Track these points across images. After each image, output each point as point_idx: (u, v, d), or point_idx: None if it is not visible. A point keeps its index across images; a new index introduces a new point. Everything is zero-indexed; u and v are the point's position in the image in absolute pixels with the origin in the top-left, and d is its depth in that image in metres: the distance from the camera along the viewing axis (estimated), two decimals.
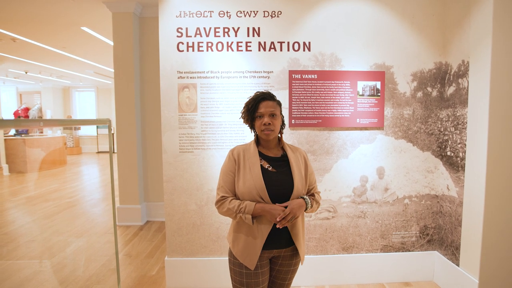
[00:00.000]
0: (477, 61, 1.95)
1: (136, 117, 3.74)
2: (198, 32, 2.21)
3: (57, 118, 11.19)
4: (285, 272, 1.41)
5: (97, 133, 11.54)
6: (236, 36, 2.22)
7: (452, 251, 2.22)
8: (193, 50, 2.22)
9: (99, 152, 11.36)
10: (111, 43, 4.69)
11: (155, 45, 3.68)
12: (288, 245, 1.35)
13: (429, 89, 2.32)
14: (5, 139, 7.11)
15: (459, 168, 2.14)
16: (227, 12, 2.21)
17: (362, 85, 2.27)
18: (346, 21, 2.24)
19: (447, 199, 2.28)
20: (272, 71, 2.25)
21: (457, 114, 2.16)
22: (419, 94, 2.32)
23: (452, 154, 2.22)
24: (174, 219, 2.28)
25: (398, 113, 2.32)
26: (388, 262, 2.39)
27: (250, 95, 1.40)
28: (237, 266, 1.34)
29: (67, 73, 9.00)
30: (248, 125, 1.43)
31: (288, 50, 2.24)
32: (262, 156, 1.37)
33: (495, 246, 1.92)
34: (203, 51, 2.22)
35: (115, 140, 3.85)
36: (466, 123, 2.06)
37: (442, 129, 2.31)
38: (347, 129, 2.30)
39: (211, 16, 2.21)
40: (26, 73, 8.69)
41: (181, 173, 2.26)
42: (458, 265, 2.15)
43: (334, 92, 2.26)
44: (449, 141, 2.24)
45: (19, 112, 9.70)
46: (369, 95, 2.28)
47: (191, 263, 2.30)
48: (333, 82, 2.25)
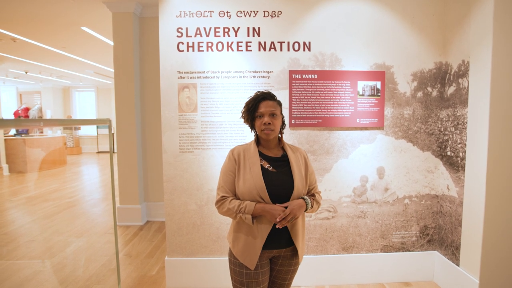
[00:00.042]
0: (477, 61, 1.95)
1: (136, 117, 3.74)
2: (198, 32, 2.21)
3: (57, 118, 11.19)
4: (285, 272, 1.41)
5: (97, 133, 11.55)
6: (236, 36, 2.22)
7: (452, 251, 2.22)
8: (193, 50, 2.22)
9: (99, 152, 11.37)
10: (111, 43, 4.69)
11: (155, 45, 3.68)
12: (288, 245, 1.35)
13: (429, 89, 2.32)
14: (5, 139, 7.11)
15: (459, 168, 2.14)
16: (227, 12, 2.21)
17: (362, 85, 2.27)
18: (346, 21, 2.24)
19: (447, 199, 2.28)
20: (272, 71, 2.25)
21: (457, 114, 2.16)
22: (419, 94, 2.32)
23: (452, 154, 2.22)
24: (174, 219, 2.28)
25: (398, 113, 2.32)
26: (388, 262, 2.39)
27: (250, 95, 1.40)
28: (237, 266, 1.34)
29: (67, 73, 9.00)
30: (248, 125, 1.43)
31: (288, 50, 2.24)
32: (262, 156, 1.37)
33: (496, 246, 1.92)
34: (203, 51, 2.22)
35: (115, 140, 3.85)
36: (466, 123, 2.06)
37: (442, 129, 2.31)
38: (347, 129, 2.30)
39: (211, 16, 2.21)
40: (26, 73, 8.70)
41: (181, 173, 2.26)
42: (458, 265, 2.15)
43: (334, 92, 2.26)
44: (449, 141, 2.24)
45: (19, 112, 9.70)
46: (369, 95, 2.28)
47: (191, 263, 2.30)
48: (333, 82, 2.25)
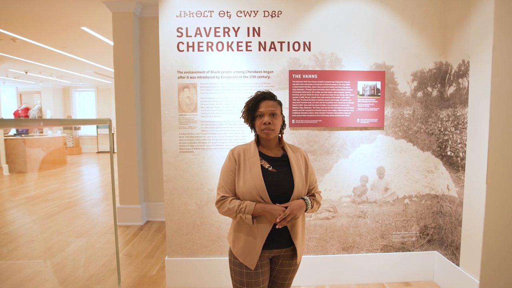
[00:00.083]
0: (477, 60, 1.95)
1: (136, 117, 3.74)
2: (198, 32, 2.21)
3: (57, 118, 11.19)
4: (285, 272, 1.41)
5: (97, 133, 11.55)
6: (236, 36, 2.22)
7: (452, 251, 2.22)
8: (193, 50, 2.22)
9: (99, 152, 11.36)
10: (111, 43, 4.69)
11: (155, 45, 3.68)
12: (288, 245, 1.35)
13: (429, 89, 2.32)
14: (5, 139, 7.11)
15: (459, 168, 2.14)
16: (227, 12, 2.21)
17: (362, 85, 2.27)
18: (346, 21, 2.24)
19: (447, 199, 2.28)
20: (272, 71, 2.25)
21: (457, 114, 2.16)
22: (419, 94, 2.32)
23: (452, 154, 2.22)
24: (174, 219, 2.28)
25: (398, 113, 2.32)
26: (388, 262, 2.39)
27: (250, 95, 1.40)
28: (237, 266, 1.34)
29: (67, 73, 9.00)
30: (248, 125, 1.43)
31: (288, 50, 2.24)
32: (262, 156, 1.37)
33: (496, 246, 1.92)
34: (203, 51, 2.22)
35: (115, 140, 3.85)
36: (466, 123, 2.06)
37: (442, 129, 2.31)
38: (347, 129, 2.30)
39: (211, 16, 2.21)
40: (26, 73, 8.70)
41: (181, 173, 2.26)
42: (458, 265, 2.15)
43: (334, 92, 2.26)
44: (449, 141, 2.24)
45: (19, 112, 9.69)
46: (369, 95, 2.28)
47: (191, 263, 2.30)
48: (333, 82, 2.25)
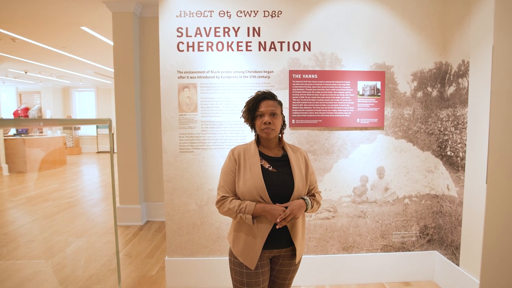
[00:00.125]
0: (477, 60, 1.95)
1: (136, 117, 3.73)
2: (198, 32, 2.21)
3: (57, 118, 11.19)
4: (285, 272, 1.41)
5: (97, 133, 11.54)
6: (236, 36, 2.22)
7: (452, 251, 2.22)
8: (193, 50, 2.22)
9: (99, 152, 11.36)
10: (111, 43, 4.69)
11: (155, 45, 3.68)
12: (288, 245, 1.35)
13: (429, 89, 2.32)
14: (5, 139, 7.10)
15: (459, 168, 2.14)
16: (227, 12, 2.21)
17: (362, 85, 2.27)
18: (346, 21, 2.24)
19: (447, 199, 2.28)
20: (272, 71, 2.25)
21: (457, 114, 2.16)
22: (419, 94, 2.32)
23: (452, 154, 2.22)
24: (174, 219, 2.28)
25: (398, 113, 2.32)
26: (388, 262, 2.39)
27: (250, 95, 1.40)
28: (237, 266, 1.34)
29: (67, 73, 9.00)
30: (248, 125, 1.43)
31: (288, 50, 2.24)
32: (262, 156, 1.37)
33: (496, 246, 1.92)
34: (203, 51, 2.22)
35: (115, 140, 3.85)
36: (466, 123, 2.06)
37: (442, 129, 2.31)
38: (347, 129, 2.30)
39: (211, 16, 2.21)
40: (26, 73, 8.70)
41: (181, 173, 2.26)
42: (458, 264, 2.15)
43: (334, 92, 2.26)
44: (449, 141, 2.24)
45: (19, 112, 9.69)
46: (369, 95, 2.28)
47: (191, 263, 2.30)
48: (333, 82, 2.26)
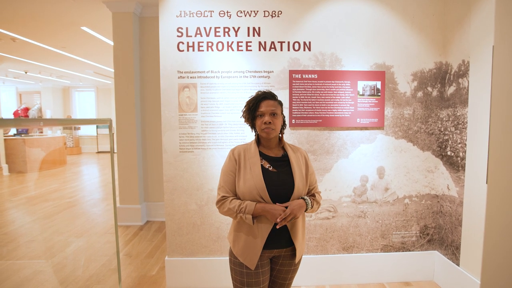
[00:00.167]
0: (478, 60, 1.95)
1: (136, 117, 3.73)
2: (198, 32, 2.21)
3: (57, 117, 11.19)
4: (286, 272, 1.41)
5: (97, 133, 11.54)
6: (236, 36, 2.22)
7: (453, 250, 2.22)
8: (193, 50, 2.22)
9: (99, 152, 11.36)
10: (111, 43, 4.69)
11: (155, 45, 3.68)
12: (288, 245, 1.35)
13: (429, 89, 2.32)
14: (5, 139, 7.10)
15: (459, 168, 2.14)
16: (227, 12, 2.21)
17: (363, 85, 2.27)
18: (346, 21, 2.24)
19: (447, 198, 2.28)
20: (273, 71, 2.25)
21: (458, 114, 2.16)
22: (420, 94, 2.32)
23: (452, 154, 2.22)
24: (174, 219, 2.28)
25: (398, 113, 2.32)
26: (388, 262, 2.39)
27: (251, 95, 1.40)
28: (237, 266, 1.34)
29: (67, 73, 9.00)
30: (249, 124, 1.43)
31: (288, 50, 2.24)
32: (262, 156, 1.37)
33: (496, 246, 1.92)
34: (203, 51, 2.22)
35: (115, 140, 3.85)
36: (467, 123, 2.06)
37: (442, 129, 2.31)
38: (347, 129, 2.30)
39: (211, 16, 2.21)
40: (26, 73, 8.69)
41: (181, 173, 2.26)
42: (458, 264, 2.15)
43: (334, 92, 2.26)
44: (450, 141, 2.24)
45: (19, 112, 9.69)
46: (369, 95, 2.28)
47: (191, 263, 2.30)
48: (333, 82, 2.25)
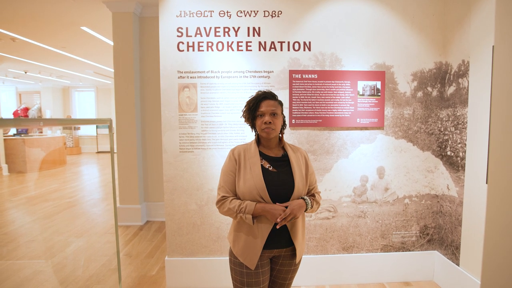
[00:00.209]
0: (477, 60, 1.95)
1: (136, 117, 3.73)
2: (198, 32, 2.21)
3: (56, 117, 11.19)
4: (286, 272, 1.41)
5: (96, 133, 11.54)
6: (236, 36, 2.22)
7: (452, 250, 2.22)
8: (193, 50, 2.22)
9: (98, 152, 11.36)
10: (111, 43, 4.69)
11: (155, 45, 3.68)
12: (288, 245, 1.35)
13: (429, 89, 2.32)
14: (4, 139, 7.10)
15: (459, 168, 2.14)
16: (227, 12, 2.21)
17: (362, 85, 2.27)
18: (346, 21, 2.24)
19: (447, 198, 2.28)
20: (273, 71, 2.25)
21: (457, 114, 2.16)
22: (419, 94, 2.32)
23: (452, 154, 2.22)
24: (174, 219, 2.28)
25: (398, 113, 2.32)
26: (388, 262, 2.39)
27: (251, 95, 1.40)
28: (237, 266, 1.34)
29: (66, 73, 9.00)
30: (249, 124, 1.43)
31: (288, 50, 2.24)
32: (262, 156, 1.37)
33: (496, 246, 1.92)
34: (203, 51, 2.22)
35: (115, 140, 3.85)
36: (466, 123, 2.06)
37: (442, 129, 2.31)
38: (347, 129, 2.30)
39: (211, 16, 2.21)
40: (26, 73, 8.69)
41: (181, 173, 2.26)
42: (458, 264, 2.15)
43: (334, 92, 2.26)
44: (449, 141, 2.24)
45: (19, 112, 9.69)
46: (369, 95, 2.28)
47: (191, 263, 2.30)
48: (333, 82, 2.26)
